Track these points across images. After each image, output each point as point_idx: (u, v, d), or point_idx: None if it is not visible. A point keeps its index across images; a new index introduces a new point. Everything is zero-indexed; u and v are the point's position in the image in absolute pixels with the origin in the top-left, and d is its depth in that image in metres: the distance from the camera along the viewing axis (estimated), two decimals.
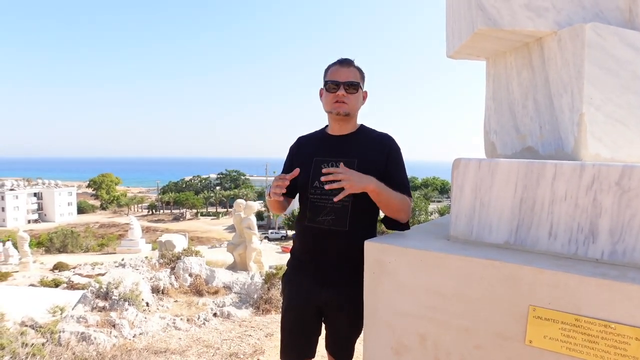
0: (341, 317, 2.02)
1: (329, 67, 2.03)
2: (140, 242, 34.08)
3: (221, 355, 4.47)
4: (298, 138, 2.21)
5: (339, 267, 1.97)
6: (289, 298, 2.14)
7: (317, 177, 1.97)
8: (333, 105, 1.97)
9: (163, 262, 8.17)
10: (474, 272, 1.35)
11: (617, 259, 1.27)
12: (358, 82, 1.97)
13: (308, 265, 2.05)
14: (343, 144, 2.02)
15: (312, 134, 2.18)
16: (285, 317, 2.13)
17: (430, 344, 1.46)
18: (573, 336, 1.20)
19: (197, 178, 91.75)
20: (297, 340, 2.10)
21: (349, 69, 1.97)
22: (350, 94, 1.95)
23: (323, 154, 2.03)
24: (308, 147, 2.11)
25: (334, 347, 2.10)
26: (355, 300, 1.95)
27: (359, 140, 2.02)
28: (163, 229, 55.23)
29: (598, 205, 1.29)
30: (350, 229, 1.93)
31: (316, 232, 1.95)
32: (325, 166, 1.95)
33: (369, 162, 1.94)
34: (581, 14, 1.61)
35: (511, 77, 1.85)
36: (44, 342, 4.41)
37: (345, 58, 2.01)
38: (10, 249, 26.59)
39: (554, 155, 1.62)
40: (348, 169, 1.77)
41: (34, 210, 71.01)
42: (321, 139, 2.10)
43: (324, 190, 1.93)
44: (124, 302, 5.92)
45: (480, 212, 1.52)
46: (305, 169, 2.01)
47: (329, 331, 2.10)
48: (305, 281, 2.05)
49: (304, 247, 2.09)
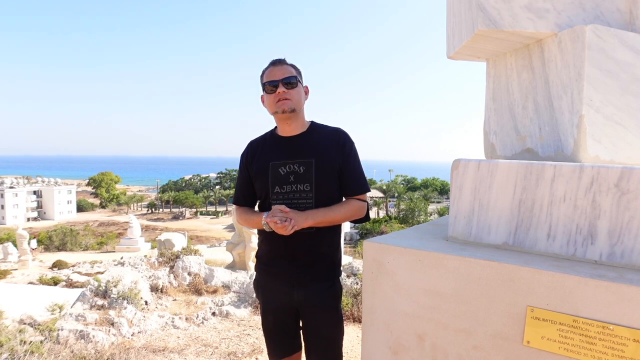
0: (317, 316, 2.01)
1: (263, 71, 2.01)
2: (139, 241, 34.05)
3: (220, 354, 4.48)
4: (249, 143, 2.16)
5: (308, 268, 1.97)
6: (263, 302, 2.13)
7: (276, 182, 1.96)
8: (276, 104, 1.94)
9: (162, 261, 8.17)
10: (472, 273, 1.35)
11: (615, 260, 1.27)
12: (295, 76, 1.95)
13: (277, 269, 2.03)
14: (297, 144, 1.99)
15: (262, 137, 2.14)
16: (264, 320, 2.13)
17: (429, 344, 1.46)
18: (571, 337, 1.20)
19: (196, 177, 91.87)
20: (280, 339, 2.10)
21: (283, 67, 1.96)
22: (291, 89, 1.93)
23: (278, 157, 1.99)
24: (262, 152, 2.06)
25: (317, 351, 2.05)
26: (329, 299, 1.95)
27: (313, 139, 2.00)
28: (162, 227, 55.22)
29: (597, 207, 1.29)
30: (317, 230, 1.93)
31: (284, 236, 1.89)
32: (283, 171, 1.95)
33: (325, 161, 1.94)
34: (582, 15, 1.61)
35: (511, 78, 1.85)
36: (42, 340, 4.41)
37: (277, 58, 2.00)
38: (9, 247, 26.59)
39: (554, 156, 1.63)
40: (291, 211, 1.84)
41: (34, 208, 71.03)
42: (274, 142, 2.06)
43: (286, 196, 1.94)
44: (123, 301, 5.92)
45: (479, 212, 1.52)
46: (264, 174, 1.99)
47: (309, 334, 2.06)
48: (277, 284, 2.03)
49: (272, 251, 2.05)
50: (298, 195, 1.93)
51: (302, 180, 1.92)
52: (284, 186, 1.94)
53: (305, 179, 1.92)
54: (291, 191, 1.94)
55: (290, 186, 1.94)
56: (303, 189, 1.93)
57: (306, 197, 1.93)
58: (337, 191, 1.98)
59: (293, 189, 1.94)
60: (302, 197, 1.93)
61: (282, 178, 1.95)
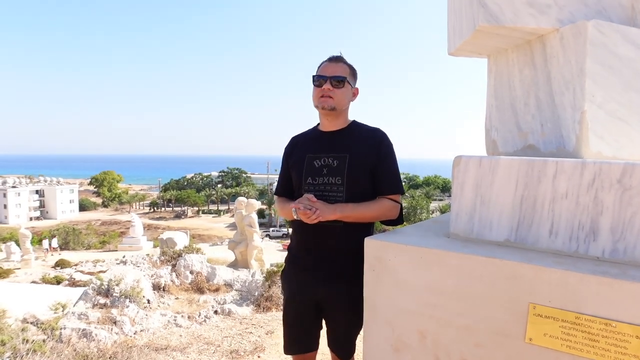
0: (338, 312, 2.04)
1: (320, 64, 2.06)
2: (141, 240, 34.11)
3: (222, 353, 4.48)
4: (291, 138, 2.23)
5: (333, 263, 1.99)
6: (287, 293, 2.18)
7: (309, 173, 2.01)
8: (319, 99, 1.99)
9: (164, 260, 8.18)
10: (474, 270, 1.35)
11: (618, 257, 1.27)
12: (344, 77, 1.98)
13: (304, 261, 2.07)
14: (334, 139, 2.04)
15: (305, 132, 2.21)
16: (285, 311, 2.17)
17: (430, 342, 1.46)
18: (573, 334, 1.19)
19: (198, 176, 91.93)
20: (297, 334, 2.14)
21: (337, 65, 1.99)
22: (336, 88, 1.96)
23: (315, 150, 2.05)
24: (301, 146, 2.14)
25: (334, 343, 2.11)
26: (352, 296, 1.96)
27: (350, 135, 2.04)
28: (164, 226, 55.34)
29: (599, 203, 1.28)
30: (345, 225, 1.94)
31: (312, 228, 1.96)
32: (318, 163, 2.00)
33: (359, 157, 1.97)
34: (583, 11, 1.60)
35: (513, 74, 1.84)
36: (44, 339, 4.42)
37: (336, 55, 2.03)
38: (12, 246, 26.67)
39: (556, 153, 1.62)
40: (318, 201, 1.85)
41: (36, 208, 71.22)
42: (313, 137, 2.13)
43: (317, 187, 1.98)
44: (125, 299, 5.93)
45: (480, 209, 1.51)
46: (299, 167, 2.05)
47: (328, 327, 2.12)
48: (302, 277, 2.07)
49: (300, 243, 2.11)
50: (329, 188, 1.96)
51: (334, 173, 1.96)
52: (317, 178, 1.98)
53: (338, 172, 1.95)
54: (323, 183, 1.98)
55: (322, 178, 1.98)
56: (335, 182, 1.96)
57: (337, 190, 1.95)
58: (370, 189, 1.99)
59: (325, 181, 1.97)
60: (332, 190, 1.96)
61: (316, 170, 1.99)
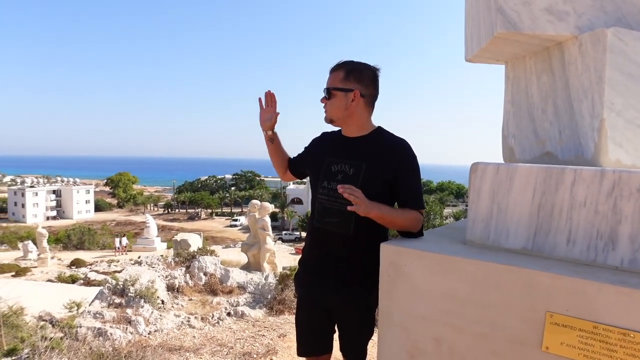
0: (347, 319, 2.04)
1: None
2: (155, 241, 34.44)
3: (234, 355, 4.51)
4: (322, 133, 2.23)
5: (341, 271, 1.96)
6: (299, 298, 2.19)
7: (325, 177, 1.99)
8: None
9: (178, 261, 8.25)
10: (490, 277, 1.35)
11: (637, 267, 1.25)
12: (329, 87, 1.96)
13: (315, 267, 2.06)
14: (354, 146, 2.00)
15: (334, 132, 2.17)
16: (297, 315, 2.18)
17: (446, 349, 1.46)
18: (591, 344, 1.19)
19: (212, 178, 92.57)
20: (309, 337, 2.14)
21: (331, 75, 1.97)
22: (326, 99, 1.97)
23: (334, 154, 2.03)
24: (325, 145, 2.13)
25: (345, 349, 2.11)
26: (360, 303, 1.95)
27: (372, 144, 1.99)
28: (178, 228, 55.76)
29: (618, 212, 1.27)
30: (355, 233, 1.91)
31: (322, 233, 1.95)
32: (334, 168, 1.98)
33: (376, 167, 1.91)
34: (603, 18, 1.60)
35: (530, 81, 1.83)
36: (62, 337, 4.49)
37: (337, 63, 1.99)
38: (29, 245, 27.14)
39: (574, 160, 1.61)
40: (362, 195, 1.74)
41: (53, 207, 72.38)
42: (336, 139, 2.10)
43: (332, 192, 1.94)
44: (140, 299, 6.00)
45: (497, 216, 1.51)
46: (317, 167, 2.05)
47: (339, 332, 2.11)
48: (312, 282, 2.07)
49: (310, 247, 2.11)
50: (341, 195, 1.93)
51: (348, 180, 1.92)
52: (332, 182, 1.97)
53: (351, 180, 1.92)
54: (335, 188, 1.92)
55: (336, 184, 1.93)
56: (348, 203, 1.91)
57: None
58: (383, 201, 1.88)
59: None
60: (343, 197, 1.87)
61: (332, 175, 1.99)
